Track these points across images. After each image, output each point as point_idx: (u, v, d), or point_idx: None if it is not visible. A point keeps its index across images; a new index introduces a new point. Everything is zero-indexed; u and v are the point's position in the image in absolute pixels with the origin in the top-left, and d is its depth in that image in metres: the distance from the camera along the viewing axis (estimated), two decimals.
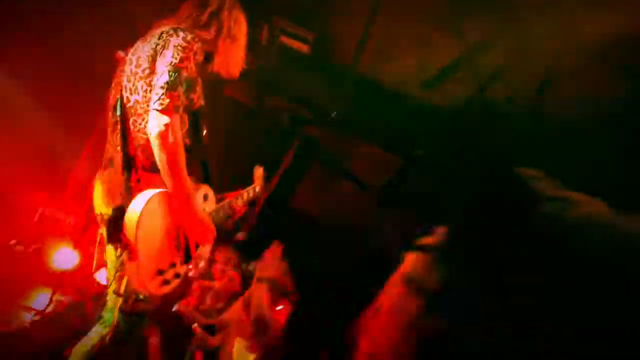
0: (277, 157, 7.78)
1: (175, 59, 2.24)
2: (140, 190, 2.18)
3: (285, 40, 7.01)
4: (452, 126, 6.87)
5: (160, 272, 2.18)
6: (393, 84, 6.78)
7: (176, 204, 2.18)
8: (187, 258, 2.32)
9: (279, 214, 7.93)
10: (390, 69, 6.70)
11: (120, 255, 2.12)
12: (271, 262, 3.98)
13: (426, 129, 6.72)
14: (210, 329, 4.27)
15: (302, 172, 7.98)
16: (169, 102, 2.14)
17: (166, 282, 2.23)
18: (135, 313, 2.37)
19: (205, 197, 2.43)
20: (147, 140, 2.21)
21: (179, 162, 2.12)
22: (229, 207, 2.59)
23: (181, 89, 2.21)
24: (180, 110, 2.21)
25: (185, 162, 2.18)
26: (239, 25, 2.71)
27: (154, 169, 2.22)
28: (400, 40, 6.50)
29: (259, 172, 2.85)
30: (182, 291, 5.84)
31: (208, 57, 2.59)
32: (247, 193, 2.75)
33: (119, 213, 2.15)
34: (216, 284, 5.31)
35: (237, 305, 4.68)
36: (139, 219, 2.04)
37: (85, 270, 5.39)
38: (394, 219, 7.48)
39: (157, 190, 2.18)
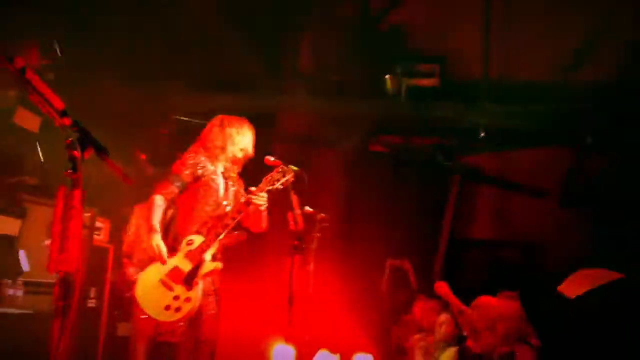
0: (441, 197, 7.64)
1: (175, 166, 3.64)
2: None
3: (411, 82, 7.08)
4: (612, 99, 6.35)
5: (167, 307, 3.31)
6: (532, 80, 6.48)
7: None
8: (189, 286, 3.37)
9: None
10: (523, 67, 6.46)
11: None
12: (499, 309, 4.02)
13: (589, 109, 6.24)
14: None
15: (472, 201, 7.72)
16: (158, 186, 3.54)
17: (177, 310, 3.31)
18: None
19: (189, 243, 3.47)
20: None
21: (150, 210, 3.45)
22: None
23: (170, 181, 3.55)
24: (164, 191, 3.51)
25: (157, 212, 3.45)
26: (226, 138, 3.71)
27: None
28: (522, 37, 6.31)
29: None
30: None
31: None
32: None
33: None
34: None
35: None
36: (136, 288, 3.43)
37: None
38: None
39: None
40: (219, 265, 3.53)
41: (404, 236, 6.93)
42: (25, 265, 4.71)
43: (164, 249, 3.39)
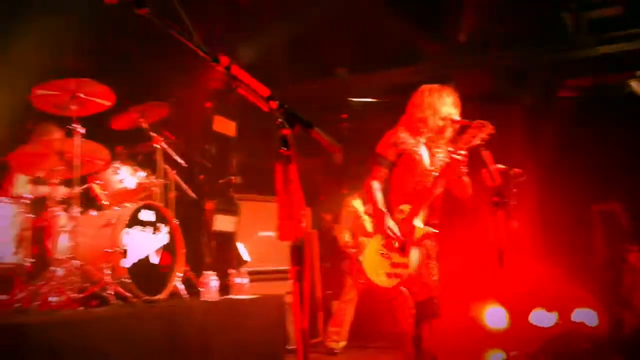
0: None
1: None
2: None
3: (591, 14, 6.52)
4: None
5: (388, 274, 3.58)
6: None
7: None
8: (403, 253, 3.56)
9: None
10: None
11: None
12: None
13: None
14: None
15: None
16: (372, 170, 3.75)
17: (396, 276, 3.55)
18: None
19: (400, 212, 3.63)
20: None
21: (372, 196, 3.71)
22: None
23: (378, 163, 3.73)
24: (377, 175, 3.71)
25: (378, 196, 3.68)
26: (427, 108, 3.69)
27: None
28: None
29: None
30: None
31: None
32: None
33: None
34: None
35: None
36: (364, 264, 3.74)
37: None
38: None
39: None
40: (429, 229, 3.59)
41: (610, 179, 6.40)
42: (246, 256, 5.21)
43: (396, 228, 3.58)
